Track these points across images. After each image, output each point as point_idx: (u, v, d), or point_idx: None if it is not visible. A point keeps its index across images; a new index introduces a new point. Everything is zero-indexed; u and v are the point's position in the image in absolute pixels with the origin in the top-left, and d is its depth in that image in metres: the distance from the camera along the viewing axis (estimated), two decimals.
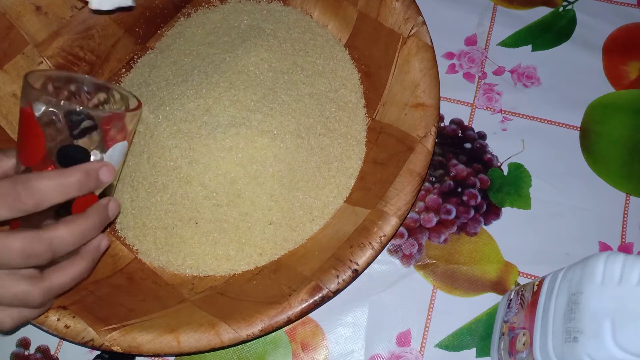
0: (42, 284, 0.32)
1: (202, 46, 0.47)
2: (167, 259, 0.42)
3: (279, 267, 0.41)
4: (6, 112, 0.45)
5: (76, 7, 0.48)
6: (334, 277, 0.36)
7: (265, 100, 0.42)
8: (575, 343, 0.29)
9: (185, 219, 0.41)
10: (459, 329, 0.43)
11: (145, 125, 0.43)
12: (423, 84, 0.42)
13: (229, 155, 0.40)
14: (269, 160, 0.41)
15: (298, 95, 0.43)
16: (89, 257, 0.35)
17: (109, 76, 0.49)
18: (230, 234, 0.41)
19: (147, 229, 0.43)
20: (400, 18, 0.44)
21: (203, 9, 0.51)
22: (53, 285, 0.33)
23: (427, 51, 0.42)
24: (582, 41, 0.51)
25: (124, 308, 0.38)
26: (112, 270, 0.42)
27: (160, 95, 0.44)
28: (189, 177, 0.41)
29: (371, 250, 0.37)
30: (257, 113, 0.41)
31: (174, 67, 0.47)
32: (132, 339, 0.36)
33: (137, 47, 0.50)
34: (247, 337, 0.36)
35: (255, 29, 0.47)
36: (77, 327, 0.36)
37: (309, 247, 0.41)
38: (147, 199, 0.42)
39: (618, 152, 0.47)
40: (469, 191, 0.47)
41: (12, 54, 0.45)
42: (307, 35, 0.48)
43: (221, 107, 0.41)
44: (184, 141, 0.41)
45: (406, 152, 0.40)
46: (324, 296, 0.36)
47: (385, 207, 0.38)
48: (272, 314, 0.36)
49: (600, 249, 0.44)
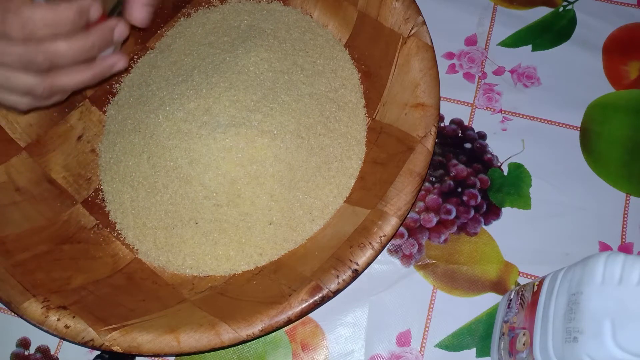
0: (47, 80, 0.35)
1: (202, 46, 0.47)
2: (167, 259, 0.42)
3: (279, 267, 0.41)
4: (6, 112, 0.45)
5: None
6: (334, 277, 0.36)
7: (265, 100, 0.42)
8: (575, 343, 0.29)
9: (185, 219, 0.41)
10: (459, 329, 0.43)
11: (145, 125, 0.43)
12: (423, 84, 0.41)
13: (229, 155, 0.40)
14: (269, 160, 0.41)
15: (298, 95, 0.43)
16: (98, 70, 0.37)
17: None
18: (230, 234, 0.41)
19: (147, 229, 0.43)
20: (400, 18, 0.44)
21: (203, 9, 0.51)
22: (56, 83, 0.36)
23: (427, 51, 0.42)
24: (582, 41, 0.51)
25: (124, 308, 0.38)
26: (112, 270, 0.42)
27: (160, 95, 0.44)
28: (189, 177, 0.41)
29: (371, 250, 0.37)
30: (257, 113, 0.41)
31: (174, 67, 0.47)
32: (132, 339, 0.36)
33: (137, 47, 0.50)
34: (247, 337, 0.35)
35: (255, 29, 0.47)
36: (77, 327, 0.36)
37: (309, 247, 0.41)
38: (147, 199, 0.42)
39: (618, 152, 0.47)
40: (469, 191, 0.47)
41: None
42: (307, 36, 0.48)
43: (221, 107, 0.41)
44: (184, 141, 0.41)
45: (406, 152, 0.40)
46: (324, 296, 0.36)
47: (386, 207, 0.38)
48: (272, 314, 0.36)
49: (600, 249, 0.44)
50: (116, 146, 0.45)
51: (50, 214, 0.43)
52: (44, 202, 0.44)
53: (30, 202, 0.43)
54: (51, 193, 0.44)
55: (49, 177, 0.45)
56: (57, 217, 0.43)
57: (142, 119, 0.43)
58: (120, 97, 0.48)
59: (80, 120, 0.47)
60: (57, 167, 0.45)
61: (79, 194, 0.45)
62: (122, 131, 0.45)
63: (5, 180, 0.43)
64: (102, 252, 0.43)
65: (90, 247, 0.43)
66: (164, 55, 0.48)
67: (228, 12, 0.50)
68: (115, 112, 0.47)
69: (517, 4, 0.53)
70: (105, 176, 0.45)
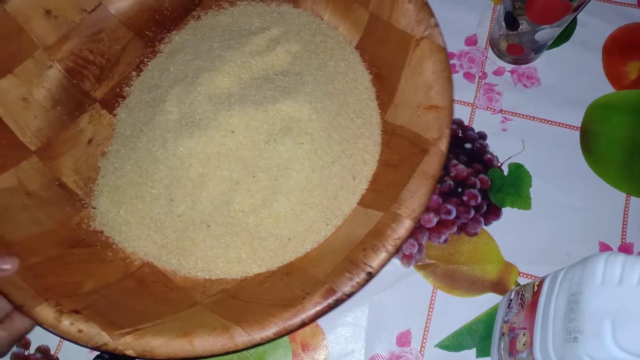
0: None
1: (212, 49, 0.47)
2: (178, 262, 0.42)
3: (291, 270, 0.40)
4: (16, 116, 0.45)
5: (86, 11, 0.48)
6: (347, 279, 0.36)
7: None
8: (575, 343, 0.29)
9: (197, 222, 0.41)
10: (459, 329, 0.43)
11: (156, 128, 0.43)
12: (436, 86, 0.41)
13: (242, 159, 0.40)
14: (290, 165, 0.40)
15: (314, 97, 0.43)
16: None
17: (119, 79, 0.48)
18: (242, 237, 0.41)
19: (158, 232, 0.42)
20: (412, 20, 0.43)
21: (213, 11, 0.50)
22: None
23: (440, 53, 0.42)
24: (582, 41, 0.51)
25: (135, 312, 0.38)
26: (123, 273, 0.41)
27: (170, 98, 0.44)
28: (202, 181, 0.41)
29: (385, 252, 0.37)
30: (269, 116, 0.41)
31: (184, 69, 0.46)
32: (146, 342, 0.35)
33: (147, 50, 0.50)
34: (261, 340, 0.35)
35: (265, 32, 0.47)
36: (90, 332, 0.36)
37: (321, 249, 0.41)
38: (159, 203, 0.42)
39: (618, 152, 0.47)
40: (469, 191, 0.47)
41: (22, 58, 0.45)
42: (318, 38, 0.47)
43: (234, 111, 0.41)
44: (198, 145, 0.41)
45: (419, 154, 0.40)
46: (338, 299, 0.36)
47: (399, 209, 0.38)
48: (286, 317, 0.35)
49: (601, 249, 0.44)
50: (126, 149, 0.45)
51: (60, 218, 0.43)
52: (55, 206, 0.43)
53: (40, 206, 0.43)
54: (61, 197, 0.44)
55: (59, 181, 0.45)
56: (67, 220, 0.43)
57: (153, 122, 0.43)
58: (130, 100, 0.47)
59: (90, 124, 0.47)
60: (67, 171, 0.45)
61: (89, 198, 0.45)
62: (132, 134, 0.45)
63: (16, 185, 0.43)
64: (112, 256, 0.42)
65: (100, 250, 0.42)
66: (175, 58, 0.48)
67: (238, 15, 0.49)
68: (125, 115, 0.47)
69: None
70: (116, 179, 0.45)
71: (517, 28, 0.45)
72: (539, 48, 0.48)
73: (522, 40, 0.47)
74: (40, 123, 0.46)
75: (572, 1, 0.40)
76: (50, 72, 0.47)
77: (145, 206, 0.42)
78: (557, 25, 0.44)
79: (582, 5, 0.42)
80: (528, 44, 0.47)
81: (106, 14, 0.49)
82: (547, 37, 0.46)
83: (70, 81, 0.47)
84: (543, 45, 0.48)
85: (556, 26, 0.44)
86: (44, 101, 0.46)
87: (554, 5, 0.41)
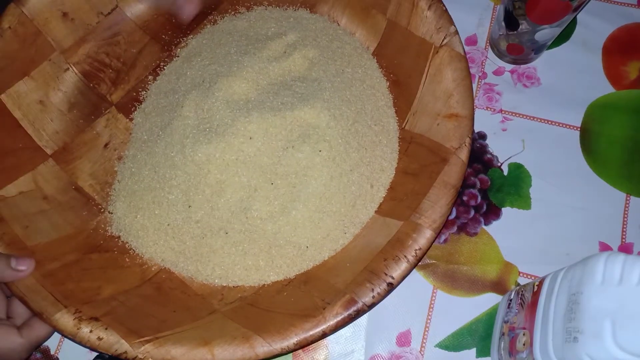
0: None
1: (229, 54, 0.46)
2: (195, 268, 0.42)
3: (309, 279, 0.40)
4: (33, 119, 0.44)
5: (102, 14, 0.47)
6: (369, 290, 0.36)
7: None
8: (575, 343, 0.29)
9: (215, 228, 0.41)
10: (459, 329, 0.43)
11: (174, 133, 0.42)
12: (457, 94, 0.41)
13: (260, 166, 0.40)
14: (309, 172, 0.40)
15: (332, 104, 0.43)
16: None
17: (136, 83, 0.48)
18: (260, 244, 0.41)
19: (175, 238, 0.42)
20: (432, 27, 0.43)
21: (229, 16, 0.50)
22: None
23: (460, 61, 0.42)
24: (582, 41, 0.51)
25: (155, 319, 0.38)
26: (141, 279, 0.41)
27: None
28: (220, 187, 0.40)
29: (406, 263, 0.37)
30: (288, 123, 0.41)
31: (201, 74, 0.46)
32: (166, 351, 0.35)
33: (164, 54, 0.49)
34: (282, 351, 0.35)
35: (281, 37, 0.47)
36: (110, 339, 0.36)
37: (339, 258, 0.41)
38: (176, 209, 0.42)
39: (618, 152, 0.47)
40: (469, 191, 0.47)
41: (39, 61, 0.45)
42: (335, 44, 0.47)
43: (253, 117, 0.41)
44: (216, 151, 0.40)
45: (439, 164, 0.39)
46: (359, 310, 0.36)
47: (420, 219, 0.38)
48: (307, 327, 0.35)
49: (601, 249, 0.45)
50: (143, 154, 0.44)
51: (77, 223, 0.43)
52: (72, 211, 0.43)
53: (57, 210, 0.43)
54: (78, 201, 0.44)
55: (75, 185, 0.44)
56: (84, 225, 0.43)
57: (171, 127, 0.43)
58: (147, 105, 0.47)
59: (106, 128, 0.47)
60: (83, 175, 0.45)
61: (106, 202, 0.44)
62: (149, 139, 0.44)
63: (33, 189, 0.43)
64: (130, 261, 0.42)
65: (118, 256, 0.42)
66: (191, 62, 0.47)
67: (255, 20, 0.49)
68: (142, 120, 0.46)
69: None
70: (134, 184, 0.44)
71: (517, 28, 0.45)
72: (539, 48, 0.48)
73: (522, 40, 0.47)
74: (57, 126, 0.45)
75: (572, 1, 0.40)
76: (66, 75, 0.46)
77: (162, 212, 0.42)
78: (557, 25, 0.44)
79: (582, 5, 0.42)
80: (528, 44, 0.47)
81: (122, 17, 0.48)
82: (547, 37, 0.46)
83: (86, 84, 0.47)
84: (543, 45, 0.48)
85: (556, 26, 0.44)
86: (61, 104, 0.46)
87: (554, 5, 0.41)
